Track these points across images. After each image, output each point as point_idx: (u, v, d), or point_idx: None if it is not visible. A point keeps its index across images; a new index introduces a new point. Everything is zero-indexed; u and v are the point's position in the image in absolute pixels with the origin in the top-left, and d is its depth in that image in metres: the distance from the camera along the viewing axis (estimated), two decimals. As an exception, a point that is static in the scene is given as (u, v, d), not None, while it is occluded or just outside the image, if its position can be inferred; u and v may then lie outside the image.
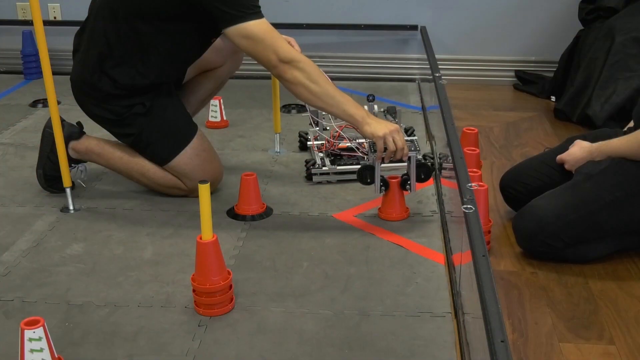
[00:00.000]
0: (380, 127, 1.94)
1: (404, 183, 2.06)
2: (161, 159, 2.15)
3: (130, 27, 2.00)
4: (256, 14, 1.92)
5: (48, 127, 2.19)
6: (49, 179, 2.22)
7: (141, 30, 1.99)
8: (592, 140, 2.03)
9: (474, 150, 2.16)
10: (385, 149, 1.95)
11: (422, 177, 2.05)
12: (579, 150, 2.02)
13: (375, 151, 1.97)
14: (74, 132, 2.21)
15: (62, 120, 2.15)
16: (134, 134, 2.13)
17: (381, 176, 2.04)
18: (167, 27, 2.00)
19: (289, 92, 1.99)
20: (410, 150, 1.99)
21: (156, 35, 2.01)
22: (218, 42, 2.27)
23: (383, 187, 2.06)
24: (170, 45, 2.04)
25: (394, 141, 1.94)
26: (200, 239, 1.58)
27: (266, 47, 1.92)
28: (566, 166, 2.04)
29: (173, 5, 1.96)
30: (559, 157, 2.07)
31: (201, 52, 2.17)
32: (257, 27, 1.91)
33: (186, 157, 2.14)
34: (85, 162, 2.26)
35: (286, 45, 1.94)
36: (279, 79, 2.00)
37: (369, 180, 2.05)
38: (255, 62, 1.97)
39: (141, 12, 1.98)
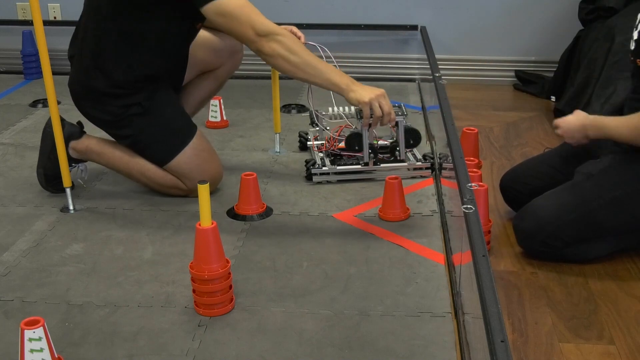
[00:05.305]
0: (365, 93, 1.92)
1: (392, 150, 2.03)
2: (160, 160, 2.15)
3: (114, 21, 2.01)
4: None
5: (48, 126, 2.19)
6: (50, 178, 2.22)
7: (126, 24, 2.01)
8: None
9: (473, 161, 2.15)
10: (373, 116, 1.93)
11: (411, 142, 2.02)
12: (575, 118, 2.00)
13: (362, 118, 1.95)
14: (74, 132, 2.21)
15: (63, 120, 2.16)
16: (132, 135, 2.13)
17: (370, 144, 2.01)
18: (150, 18, 2.01)
19: (270, 66, 1.96)
20: (397, 115, 1.96)
21: (141, 27, 2.02)
22: (216, 43, 2.27)
23: (372, 155, 2.02)
24: (155, 34, 2.04)
25: (380, 106, 1.91)
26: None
27: (242, 23, 1.90)
28: (558, 131, 2.02)
29: None
30: (556, 120, 2.05)
31: (188, 40, 2.16)
32: (232, 3, 1.90)
33: (185, 158, 2.14)
34: (85, 161, 2.26)
35: (263, 19, 1.92)
36: (259, 54, 1.96)
37: (357, 148, 2.01)
38: (254, 61, 1.97)
39: (123, 6, 1.99)
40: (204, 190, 1.51)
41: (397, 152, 2.00)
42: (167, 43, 2.08)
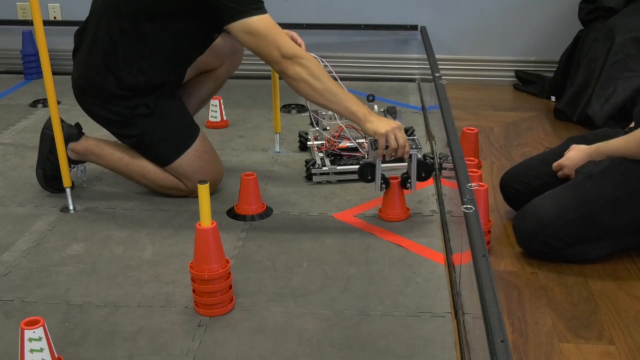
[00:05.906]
0: (382, 125, 1.93)
1: (404, 181, 2.06)
2: (163, 161, 2.15)
3: (134, 25, 1.99)
4: (259, 9, 1.91)
5: (47, 128, 2.19)
6: (49, 179, 2.22)
7: (145, 28, 1.99)
8: (592, 140, 2.03)
9: (473, 161, 2.15)
10: (387, 147, 1.95)
11: (423, 175, 2.04)
12: (577, 153, 2.01)
13: (376, 148, 1.97)
14: (72, 134, 2.20)
15: (61, 121, 2.13)
16: (137, 135, 2.12)
17: (382, 174, 2.04)
18: (170, 25, 2.00)
19: (291, 88, 1.98)
20: (411, 148, 1.99)
21: (160, 32, 2.01)
22: (216, 43, 2.27)
23: (384, 185, 2.05)
24: (173, 42, 2.03)
25: (395, 138, 1.93)
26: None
27: (269, 43, 1.91)
28: (565, 171, 2.02)
29: (177, 2, 1.96)
30: (555, 163, 2.05)
31: (204, 49, 2.17)
32: (260, 22, 1.91)
33: (188, 159, 2.14)
34: (84, 162, 2.26)
35: (289, 41, 1.93)
36: (281, 75, 1.99)
37: (369, 178, 2.04)
38: (254, 61, 1.97)
39: (145, 9, 1.98)
40: (204, 190, 1.51)
41: (408, 184, 2.06)
42: (182, 51, 2.08)
